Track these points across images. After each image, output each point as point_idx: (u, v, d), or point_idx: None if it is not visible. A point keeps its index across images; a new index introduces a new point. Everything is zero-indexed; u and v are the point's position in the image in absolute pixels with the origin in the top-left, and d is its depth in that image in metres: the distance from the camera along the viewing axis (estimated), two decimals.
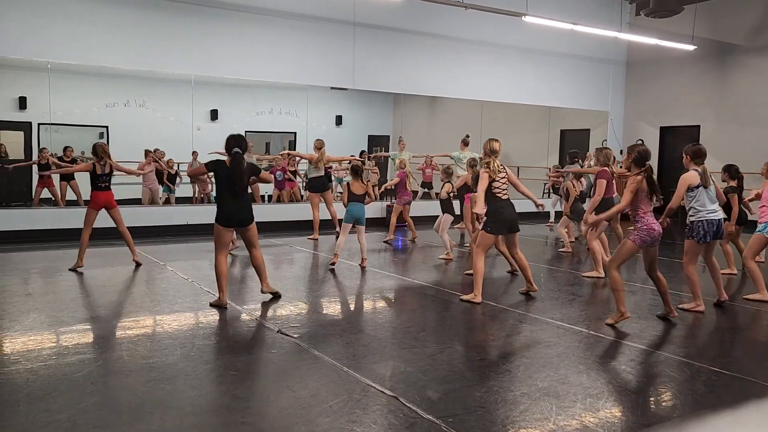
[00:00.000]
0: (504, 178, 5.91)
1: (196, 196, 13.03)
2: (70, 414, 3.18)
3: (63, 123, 13.24)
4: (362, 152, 15.06)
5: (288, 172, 12.75)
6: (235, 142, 5.45)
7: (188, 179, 12.82)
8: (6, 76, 12.87)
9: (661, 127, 15.03)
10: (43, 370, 3.82)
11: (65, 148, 12.10)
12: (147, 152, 11.91)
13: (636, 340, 4.69)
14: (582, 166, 11.00)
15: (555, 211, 12.94)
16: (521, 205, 6.45)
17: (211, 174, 5.67)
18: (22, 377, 3.70)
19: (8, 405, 3.27)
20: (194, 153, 12.59)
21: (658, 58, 14.50)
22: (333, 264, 7.53)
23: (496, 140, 5.97)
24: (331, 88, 13.79)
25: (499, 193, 5.87)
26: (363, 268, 7.51)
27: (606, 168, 7.29)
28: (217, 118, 15.31)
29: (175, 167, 12.63)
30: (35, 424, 3.08)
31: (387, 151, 14.41)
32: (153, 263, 7.74)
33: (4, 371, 3.80)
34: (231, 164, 5.39)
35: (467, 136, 12.04)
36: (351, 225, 7.58)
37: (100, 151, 7.17)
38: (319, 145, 10.12)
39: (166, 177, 12.43)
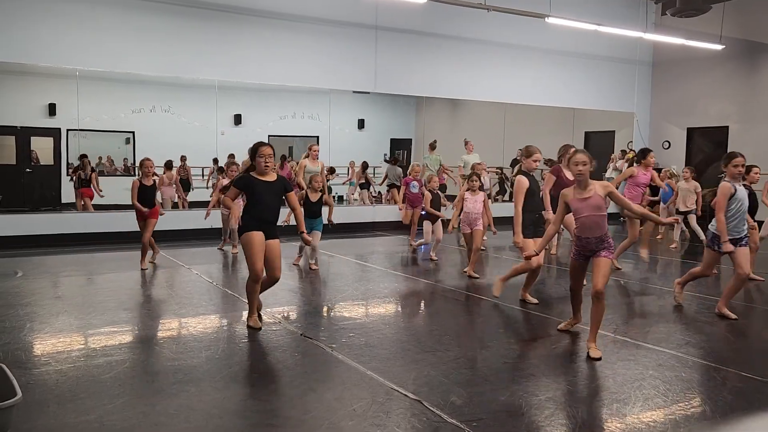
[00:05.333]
0: None
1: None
2: (98, 415, 3.23)
3: (91, 129, 13.50)
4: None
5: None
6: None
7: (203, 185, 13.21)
8: (36, 83, 13.17)
9: (688, 128, 14.78)
10: (72, 372, 3.89)
11: (82, 156, 12.29)
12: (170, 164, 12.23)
13: (663, 344, 4.61)
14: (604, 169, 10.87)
15: None
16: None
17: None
18: (52, 378, 3.77)
19: (38, 405, 3.34)
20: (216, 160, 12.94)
21: (685, 58, 14.26)
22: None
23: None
24: (354, 91, 13.85)
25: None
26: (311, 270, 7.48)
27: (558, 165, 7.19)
28: (240, 123, 15.46)
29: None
30: (65, 424, 3.13)
31: (410, 155, 14.54)
32: (178, 266, 7.84)
33: (34, 372, 3.87)
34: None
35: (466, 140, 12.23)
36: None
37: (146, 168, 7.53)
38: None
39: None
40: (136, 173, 7.55)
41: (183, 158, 13.28)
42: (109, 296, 6.14)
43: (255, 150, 4.85)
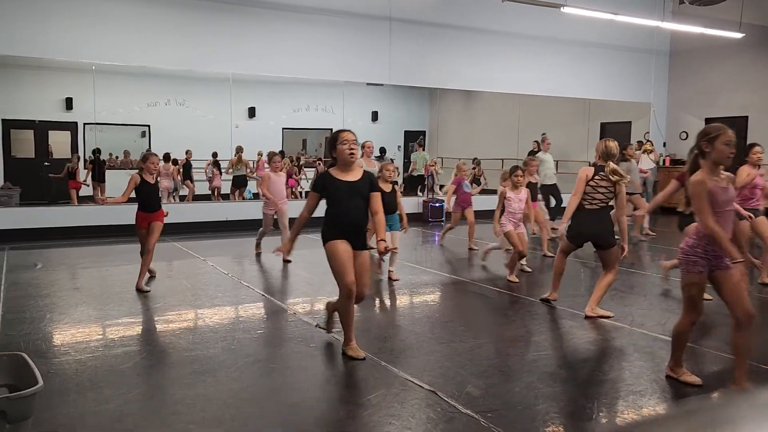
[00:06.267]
0: (606, 187, 5.00)
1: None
2: (117, 404, 3.27)
3: (107, 123, 13.63)
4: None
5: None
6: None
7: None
8: (53, 78, 13.31)
9: (706, 119, 14.56)
10: (91, 362, 3.94)
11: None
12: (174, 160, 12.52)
13: None
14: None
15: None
16: None
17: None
18: (72, 368, 3.83)
19: (59, 394, 3.39)
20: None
21: (704, 47, 14.05)
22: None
23: (612, 140, 5.16)
24: (367, 84, 13.82)
25: (585, 201, 5.06)
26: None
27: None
28: (254, 116, 15.51)
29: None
30: (85, 412, 3.18)
31: (423, 147, 14.50)
32: (193, 258, 7.90)
33: (54, 362, 3.93)
34: None
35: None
36: None
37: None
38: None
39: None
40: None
41: (188, 152, 13.39)
42: (126, 288, 6.21)
43: (335, 138, 3.95)
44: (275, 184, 7.66)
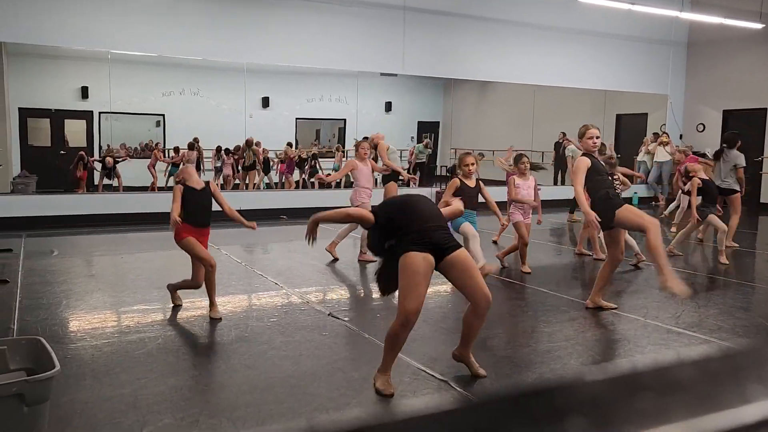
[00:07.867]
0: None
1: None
2: (133, 389, 3.31)
3: (122, 112, 13.72)
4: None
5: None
6: None
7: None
8: (69, 67, 13.41)
9: (724, 111, 14.37)
10: (107, 347, 3.99)
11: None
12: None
13: (695, 329, 4.53)
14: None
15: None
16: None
17: None
18: (88, 353, 3.88)
19: (76, 378, 3.44)
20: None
21: (723, 38, 13.82)
22: None
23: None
24: (381, 74, 13.77)
25: (610, 189, 5.01)
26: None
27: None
28: (268, 106, 15.53)
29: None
30: (100, 397, 3.22)
31: (437, 138, 14.45)
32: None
33: (71, 347, 3.99)
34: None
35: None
36: None
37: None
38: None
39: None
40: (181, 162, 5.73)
41: (195, 140, 13.46)
42: (140, 275, 6.27)
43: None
44: (363, 173, 6.97)
